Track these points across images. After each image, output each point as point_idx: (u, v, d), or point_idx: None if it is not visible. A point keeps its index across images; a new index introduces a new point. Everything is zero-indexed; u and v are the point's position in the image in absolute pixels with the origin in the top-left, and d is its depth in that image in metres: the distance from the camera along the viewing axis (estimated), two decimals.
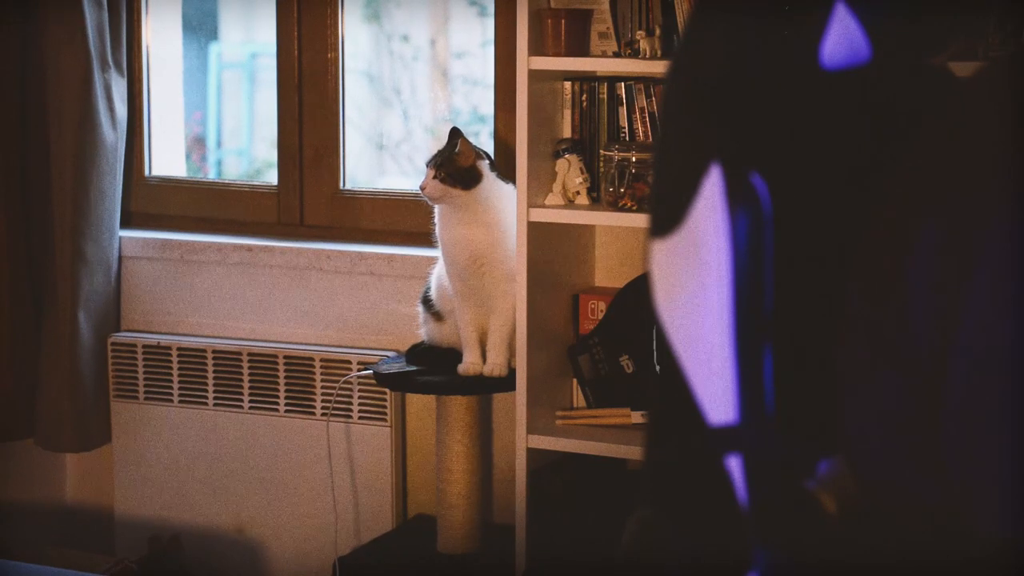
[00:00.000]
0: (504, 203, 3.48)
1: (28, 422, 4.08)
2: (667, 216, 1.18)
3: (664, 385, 1.19)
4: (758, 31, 1.16)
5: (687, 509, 1.19)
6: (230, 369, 3.98)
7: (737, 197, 1.15)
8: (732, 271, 1.14)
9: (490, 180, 3.47)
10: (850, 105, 1.14)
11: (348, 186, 4.09)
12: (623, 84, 3.48)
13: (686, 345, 1.16)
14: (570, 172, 3.46)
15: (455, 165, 3.44)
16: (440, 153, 3.47)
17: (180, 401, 4.04)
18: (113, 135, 4.01)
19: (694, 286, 1.16)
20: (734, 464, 1.14)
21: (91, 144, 3.96)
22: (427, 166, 3.47)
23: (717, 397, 1.14)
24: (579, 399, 3.64)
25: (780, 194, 1.14)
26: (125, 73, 4.06)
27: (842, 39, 1.12)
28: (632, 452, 3.34)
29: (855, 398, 1.12)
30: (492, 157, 3.54)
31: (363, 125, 4.37)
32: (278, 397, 3.94)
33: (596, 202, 3.47)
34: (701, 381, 1.15)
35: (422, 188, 3.46)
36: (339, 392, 3.86)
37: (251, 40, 5.16)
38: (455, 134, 3.48)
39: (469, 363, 3.51)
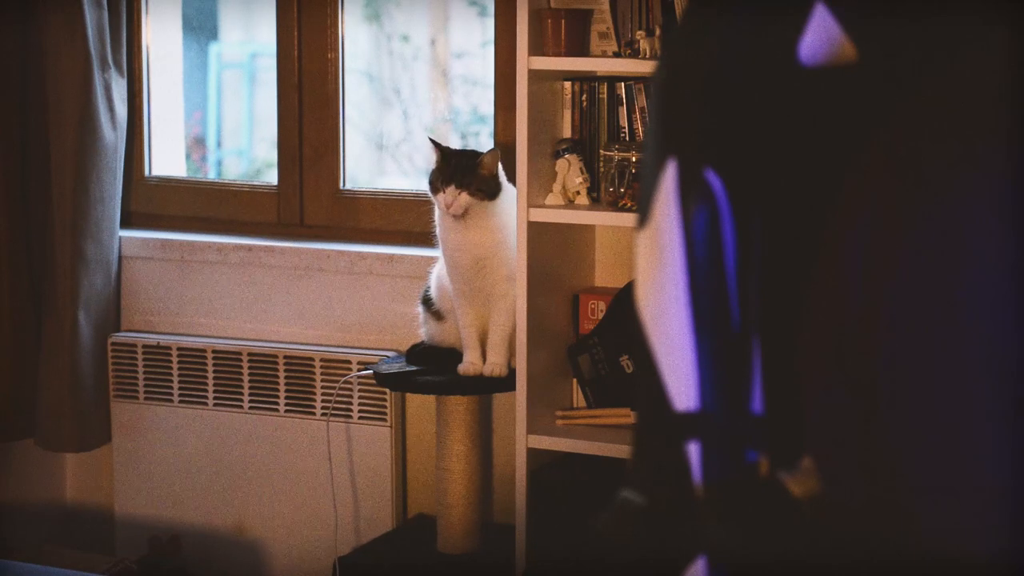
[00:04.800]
0: (507, 204, 3.48)
1: (28, 422, 4.08)
2: (642, 209, 1.22)
3: (641, 369, 1.22)
4: (737, 28, 1.17)
5: (647, 490, 1.22)
6: (230, 369, 3.98)
7: (690, 192, 1.17)
8: (686, 263, 1.17)
9: (506, 187, 3.47)
10: (822, 104, 1.15)
11: (348, 186, 4.09)
12: (623, 84, 3.49)
13: (655, 332, 1.19)
14: (570, 172, 3.46)
15: (481, 177, 3.41)
16: (454, 169, 3.41)
17: (180, 401, 4.04)
18: (113, 135, 4.01)
19: (657, 276, 1.19)
20: (693, 450, 1.17)
21: (91, 144, 3.96)
22: (443, 185, 3.41)
23: (681, 384, 1.17)
24: (579, 399, 3.64)
25: (738, 190, 1.16)
26: (125, 73, 4.06)
27: (820, 37, 1.13)
28: None
29: (815, 396, 1.14)
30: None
31: (363, 125, 4.37)
32: (278, 397, 3.94)
33: (596, 202, 3.47)
34: (667, 368, 1.18)
35: (447, 206, 3.42)
36: (339, 392, 3.86)
37: (251, 40, 5.16)
38: (445, 151, 3.45)
39: (469, 363, 3.51)
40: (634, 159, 3.36)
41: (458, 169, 3.41)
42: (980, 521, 1.08)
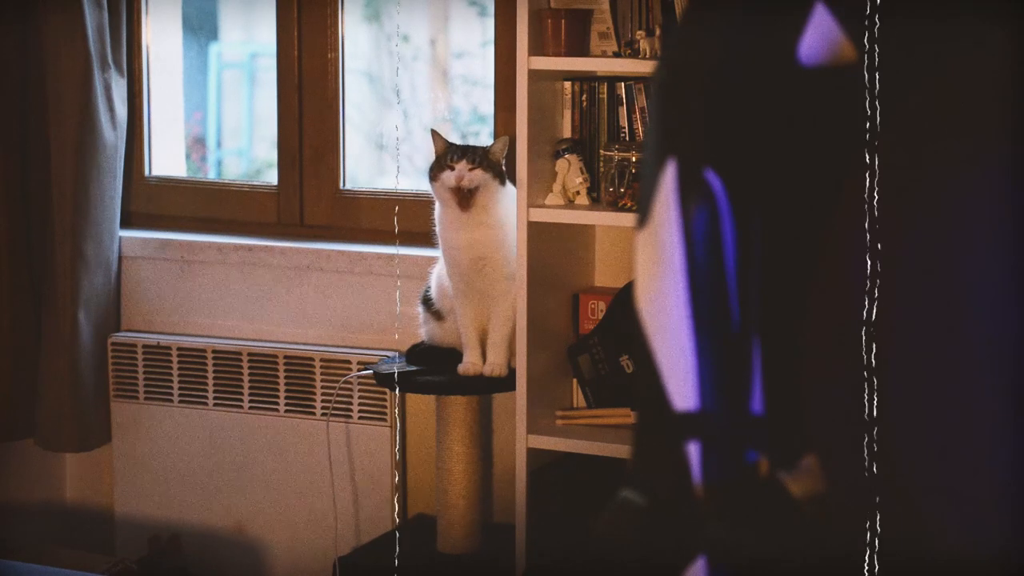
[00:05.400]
0: (507, 203, 3.48)
1: (28, 422, 4.08)
2: (642, 209, 1.22)
3: (641, 369, 1.22)
4: (736, 28, 1.18)
5: (647, 490, 1.22)
6: (230, 369, 3.98)
7: (690, 192, 1.17)
8: (686, 263, 1.17)
9: (508, 185, 3.48)
10: (822, 104, 1.15)
11: (348, 186, 4.09)
12: (623, 84, 3.49)
13: (655, 333, 1.19)
14: (570, 172, 3.46)
15: (489, 159, 3.43)
16: (465, 148, 3.44)
17: (180, 401, 4.04)
18: (113, 135, 4.01)
19: (657, 276, 1.19)
20: (693, 450, 1.17)
21: (91, 144, 3.96)
22: (454, 160, 3.42)
23: (681, 384, 1.17)
24: (579, 399, 3.64)
25: (738, 190, 1.16)
26: (125, 73, 4.06)
27: (820, 37, 1.13)
28: None
29: (817, 395, 1.14)
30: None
31: (363, 125, 4.37)
32: (278, 397, 3.94)
33: (596, 202, 3.47)
34: (667, 368, 1.18)
35: (459, 180, 3.42)
36: (339, 392, 3.86)
37: (251, 40, 5.16)
38: (448, 143, 3.46)
39: (469, 363, 3.51)
40: (634, 159, 3.36)
41: (469, 148, 3.43)
42: (980, 521, 1.08)
